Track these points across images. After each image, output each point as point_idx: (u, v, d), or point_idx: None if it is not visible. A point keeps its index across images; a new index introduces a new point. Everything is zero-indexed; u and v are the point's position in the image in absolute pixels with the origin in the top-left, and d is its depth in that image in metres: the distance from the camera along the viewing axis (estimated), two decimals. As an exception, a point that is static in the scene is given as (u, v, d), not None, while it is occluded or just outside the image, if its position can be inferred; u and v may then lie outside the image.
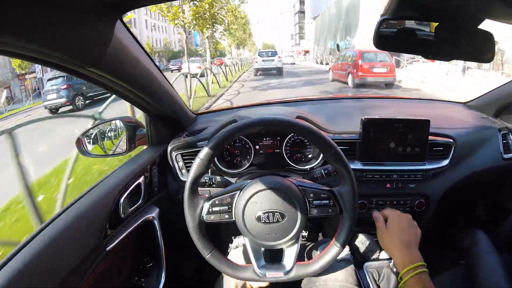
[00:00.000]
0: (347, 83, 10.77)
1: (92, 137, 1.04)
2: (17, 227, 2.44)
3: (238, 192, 0.70)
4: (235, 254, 0.94)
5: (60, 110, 10.92)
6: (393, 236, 0.74)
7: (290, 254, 0.70)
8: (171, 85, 0.99)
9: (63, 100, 10.76)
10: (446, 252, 1.30)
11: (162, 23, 59.13)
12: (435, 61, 9.17)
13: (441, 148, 1.10)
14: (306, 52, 49.71)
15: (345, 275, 0.82)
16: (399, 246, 0.71)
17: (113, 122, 1.08)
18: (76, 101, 10.80)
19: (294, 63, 33.82)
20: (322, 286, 0.80)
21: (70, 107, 10.75)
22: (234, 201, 0.69)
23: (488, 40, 0.76)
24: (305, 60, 43.27)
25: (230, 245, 1.01)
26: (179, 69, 25.86)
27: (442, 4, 0.71)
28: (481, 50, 0.78)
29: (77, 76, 0.61)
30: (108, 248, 0.76)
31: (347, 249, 0.90)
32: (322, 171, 0.86)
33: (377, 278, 0.84)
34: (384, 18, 0.75)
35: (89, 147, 1.02)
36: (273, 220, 0.66)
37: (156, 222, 0.96)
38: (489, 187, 1.37)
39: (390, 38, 0.77)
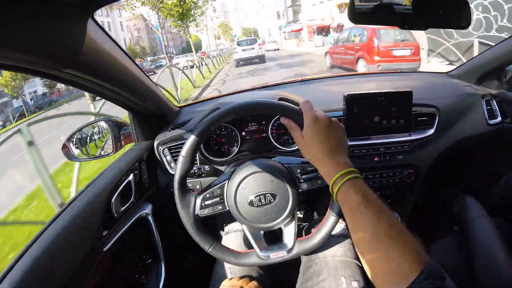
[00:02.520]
0: (355, 71, 7.72)
1: (77, 141, 1.02)
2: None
3: (227, 181, 0.70)
4: (227, 240, 0.95)
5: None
6: (313, 147, 0.59)
7: (289, 232, 0.71)
8: (152, 81, 0.97)
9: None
10: (439, 220, 1.34)
11: (105, 18, 53.56)
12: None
13: (426, 118, 1.11)
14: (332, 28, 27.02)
15: (343, 250, 0.84)
16: (321, 157, 0.58)
17: (97, 124, 1.07)
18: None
19: (278, 49, 31.09)
20: (322, 262, 0.81)
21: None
22: (225, 191, 0.69)
23: (463, 6, 0.77)
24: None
25: (221, 232, 1.02)
26: (153, 71, 25.25)
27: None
28: (458, 17, 0.78)
29: (54, 79, 0.60)
30: (105, 249, 0.76)
31: (343, 224, 0.92)
32: None
33: None
34: (358, -8, 0.74)
35: (76, 151, 1.00)
36: (265, 202, 0.66)
37: (150, 218, 0.97)
38: (476, 153, 1.39)
39: (365, 12, 0.77)
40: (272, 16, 66.82)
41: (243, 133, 1.05)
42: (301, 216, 1.15)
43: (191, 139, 0.65)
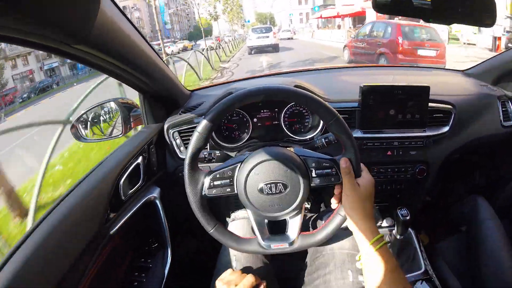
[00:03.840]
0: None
1: (86, 121, 1.01)
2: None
3: (239, 164, 0.68)
4: (232, 227, 0.94)
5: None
6: (364, 203, 0.64)
7: (293, 225, 0.70)
8: (164, 62, 0.96)
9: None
10: (447, 219, 1.33)
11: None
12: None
13: (441, 115, 1.09)
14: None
15: (351, 243, 0.83)
16: (362, 216, 0.63)
17: (107, 104, 1.06)
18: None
19: (292, 38, 30.48)
20: (329, 255, 0.81)
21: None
22: (236, 174, 0.68)
23: (489, 4, 0.74)
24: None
25: (227, 219, 1.02)
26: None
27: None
28: (482, 14, 0.76)
29: (65, 56, 0.58)
30: (111, 232, 0.76)
31: None
32: (323, 140, 0.85)
33: None
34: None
35: (84, 132, 1.00)
36: (275, 191, 0.65)
37: (158, 202, 0.96)
38: (489, 154, 1.38)
39: (388, 3, 0.74)
40: (289, 2, 53.43)
41: (255, 120, 1.04)
42: (308, 206, 1.15)
43: (211, 113, 0.63)
